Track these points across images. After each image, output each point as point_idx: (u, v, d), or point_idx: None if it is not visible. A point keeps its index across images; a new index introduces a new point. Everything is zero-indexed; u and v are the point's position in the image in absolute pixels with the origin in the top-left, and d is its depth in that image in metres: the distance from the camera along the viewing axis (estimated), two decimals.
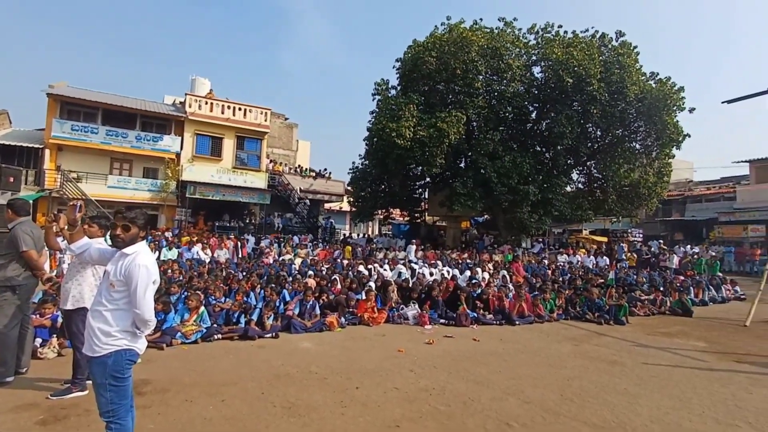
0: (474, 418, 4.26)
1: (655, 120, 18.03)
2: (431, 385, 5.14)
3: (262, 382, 5.00)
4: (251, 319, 7.11)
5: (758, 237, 21.33)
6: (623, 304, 9.92)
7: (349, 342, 7.16)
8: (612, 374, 5.94)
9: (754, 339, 8.46)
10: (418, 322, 8.57)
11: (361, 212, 23.15)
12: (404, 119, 17.63)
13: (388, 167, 19.43)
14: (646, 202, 20.36)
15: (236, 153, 23.13)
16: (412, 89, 19.70)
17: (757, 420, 4.47)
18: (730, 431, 4.21)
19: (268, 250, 15.50)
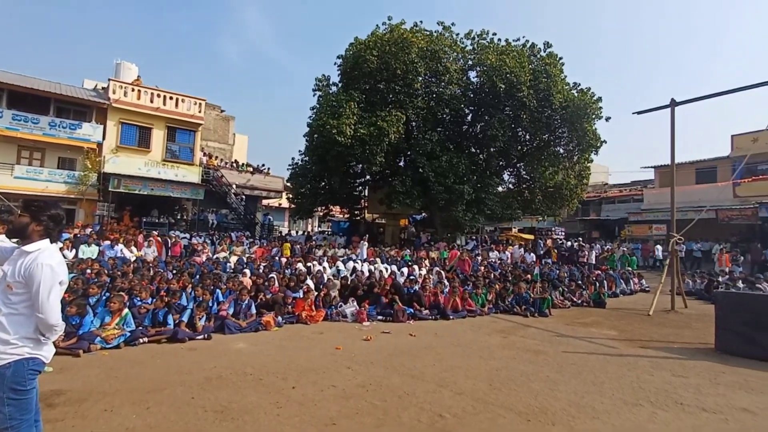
0: (409, 411, 4.36)
1: (577, 127, 19.41)
2: (368, 381, 5.18)
3: (192, 386, 4.77)
4: (181, 321, 6.75)
5: (660, 235, 23.71)
6: (547, 297, 10.62)
7: (286, 341, 7.03)
8: (536, 363, 6.33)
9: (656, 327, 9.42)
10: (357, 319, 8.61)
11: (300, 209, 22.76)
12: (345, 116, 17.57)
13: (329, 164, 19.29)
14: (568, 202, 21.88)
15: (167, 145, 21.73)
16: (353, 87, 19.65)
17: (657, 399, 4.97)
18: (635, 410, 4.64)
19: (202, 248, 14.77)
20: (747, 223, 21.95)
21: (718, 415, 4.53)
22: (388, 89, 19.62)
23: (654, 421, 4.34)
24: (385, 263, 14.01)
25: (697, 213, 15.08)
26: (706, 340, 7.76)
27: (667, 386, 5.43)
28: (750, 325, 7.03)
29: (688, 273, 17.01)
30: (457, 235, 22.37)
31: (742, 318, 7.18)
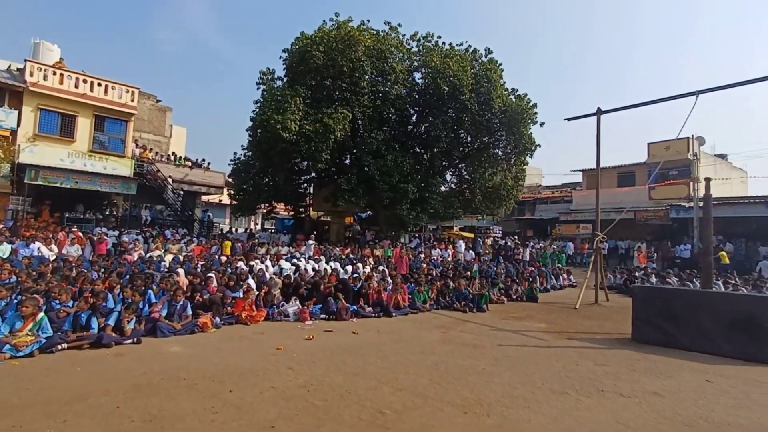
0: (350, 409, 4.34)
1: (514, 131, 20.32)
2: (309, 381, 5.10)
3: (117, 394, 4.43)
4: (107, 325, 6.26)
5: (587, 234, 25.47)
6: (484, 293, 11.04)
7: (224, 343, 6.75)
8: (473, 357, 6.56)
9: (582, 319, 10.10)
10: (299, 319, 8.46)
11: (242, 206, 21.99)
12: (290, 112, 17.19)
13: (273, 160, 18.79)
14: (505, 202, 22.85)
15: (94, 135, 20.06)
16: (299, 82, 19.27)
17: (581, 387, 5.32)
18: (562, 398, 4.94)
19: (133, 246, 13.82)
20: (660, 223, 24.13)
21: (633, 399, 4.92)
22: (334, 86, 19.44)
23: (578, 408, 4.64)
24: (330, 261, 13.91)
25: (618, 214, 16.36)
26: (625, 331, 8.41)
27: (590, 374, 5.83)
28: (661, 315, 7.72)
29: (610, 268, 18.41)
30: (402, 233, 22.68)
31: (654, 310, 7.87)
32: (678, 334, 7.41)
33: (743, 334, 6.84)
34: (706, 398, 5.00)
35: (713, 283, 10.25)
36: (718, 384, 5.53)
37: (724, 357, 6.75)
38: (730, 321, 7.02)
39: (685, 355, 6.85)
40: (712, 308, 7.30)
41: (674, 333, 7.46)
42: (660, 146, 23.70)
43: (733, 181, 26.36)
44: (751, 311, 6.92)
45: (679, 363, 6.46)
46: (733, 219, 20.50)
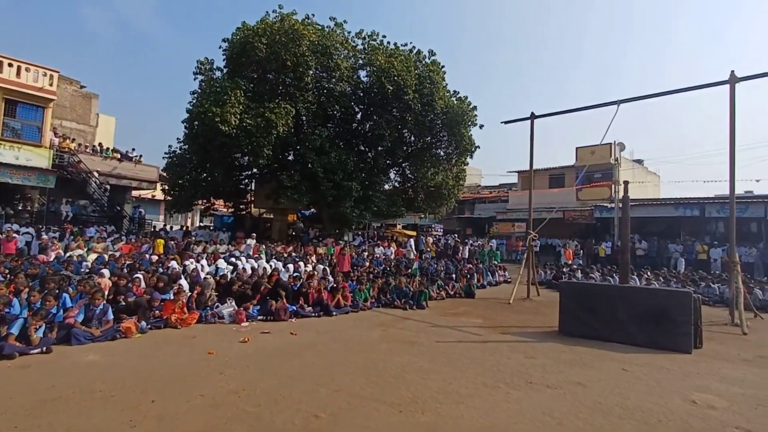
0: (283, 414, 4.18)
1: (455, 132, 20.84)
2: (241, 386, 4.86)
3: (18, 412, 3.96)
4: (10, 333, 5.57)
5: (521, 232, 26.76)
6: (424, 290, 11.20)
7: (149, 349, 6.28)
8: (411, 354, 6.60)
9: (514, 313, 10.55)
10: (235, 320, 8.09)
11: (178, 202, 20.75)
12: (230, 105, 16.45)
13: (211, 154, 17.90)
14: (446, 201, 23.42)
15: (4, 121, 18.03)
16: (239, 74, 18.50)
17: (511, 380, 5.51)
18: (493, 392, 5.08)
19: (51, 245, 12.56)
20: (586, 222, 25.86)
21: (558, 390, 5.17)
22: (277, 80, 18.87)
23: (508, 401, 4.79)
24: (271, 260, 13.49)
25: (549, 213, 17.29)
26: (553, 324, 8.86)
27: (520, 367, 6.06)
28: (584, 309, 8.22)
29: (541, 265, 19.43)
30: (345, 231, 22.53)
31: (578, 304, 8.37)
32: (598, 326, 7.92)
33: (654, 324, 7.44)
34: (622, 386, 5.37)
35: (630, 278, 11.10)
36: (633, 372, 5.96)
37: (638, 346, 7.30)
38: (643, 313, 7.61)
39: (605, 346, 7.32)
40: (628, 301, 7.87)
41: (595, 325, 7.96)
42: (586, 151, 25.32)
43: (647, 185, 28.80)
44: (661, 304, 7.54)
45: (600, 353, 6.90)
46: (647, 219, 22.42)
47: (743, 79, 9.70)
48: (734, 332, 8.79)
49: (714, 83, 10.34)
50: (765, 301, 11.95)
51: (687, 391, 5.20)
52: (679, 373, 5.95)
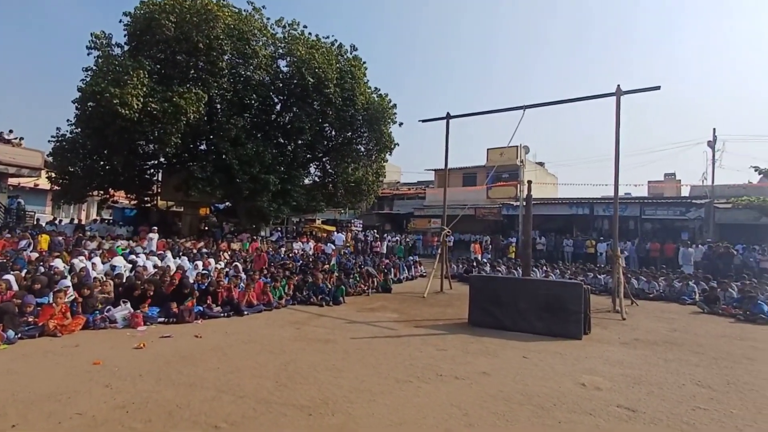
0: (177, 428, 3.77)
1: (375, 128, 20.92)
2: (131, 400, 4.31)
3: None
4: None
5: (436, 228, 27.76)
6: (341, 286, 11.05)
7: (16, 363, 5.35)
8: (325, 352, 6.40)
9: (428, 307, 10.80)
10: (130, 324, 7.26)
11: (68, 192, 18.39)
12: (131, 86, 14.82)
13: (109, 140, 16.03)
14: (366, 197, 23.49)
15: None
16: (143, 53, 16.77)
17: (422, 373, 5.56)
18: (405, 387, 5.07)
19: None
20: (495, 219, 27.54)
21: (466, 381, 5.31)
22: (188, 64, 17.41)
23: (418, 395, 4.80)
24: (178, 257, 12.43)
25: (462, 210, 18.08)
26: (463, 316, 9.16)
27: (431, 360, 6.15)
28: (491, 301, 8.63)
29: (454, 259, 20.28)
30: (262, 226, 21.61)
31: (485, 296, 8.77)
32: (503, 317, 8.36)
33: (551, 313, 8.02)
34: (522, 373, 5.67)
35: (531, 271, 11.93)
36: (532, 359, 6.35)
37: (537, 334, 7.80)
38: (541, 303, 8.17)
39: (509, 335, 7.73)
40: (529, 293, 8.41)
41: (500, 316, 8.39)
42: (496, 152, 26.92)
43: (547, 185, 31.45)
44: (557, 295, 8.16)
45: (503, 343, 7.26)
46: (546, 216, 24.43)
47: (627, 92, 10.82)
48: (615, 318, 9.81)
49: (602, 95, 11.40)
50: (639, 290, 13.57)
51: (577, 375, 5.63)
52: (571, 358, 6.45)
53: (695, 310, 11.40)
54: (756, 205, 20.00)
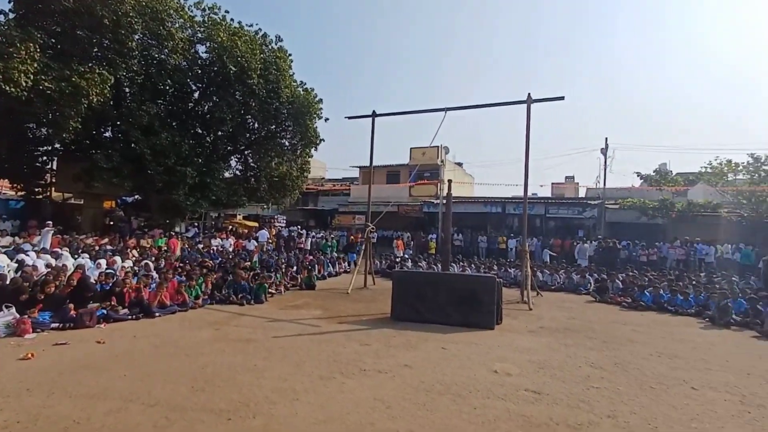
0: None
1: (301, 123, 20.40)
2: (15, 418, 3.78)
3: None
4: None
5: (361, 225, 27.92)
6: (264, 283, 10.65)
7: None
8: (246, 353, 6.14)
9: (352, 303, 10.82)
10: (15, 332, 6.33)
11: None
12: (19, 60, 12.85)
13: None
14: (290, 192, 22.85)
15: None
16: (34, 24, 14.62)
17: (346, 369, 5.55)
18: (329, 383, 5.03)
19: None
20: (417, 216, 28.37)
21: (389, 374, 5.40)
22: (90, 40, 15.52)
23: (343, 391, 4.80)
24: (77, 254, 11.10)
25: (386, 207, 18.36)
26: (386, 311, 9.29)
27: (355, 355, 6.17)
28: (413, 295, 8.87)
29: (377, 255, 20.55)
30: (177, 221, 20.09)
31: (408, 290, 9.00)
32: (424, 310, 8.64)
33: (467, 306, 8.45)
34: (441, 364, 5.90)
35: (450, 266, 12.48)
36: (450, 350, 6.64)
37: (455, 326, 8.15)
38: (459, 296, 8.57)
39: (429, 328, 7.99)
40: (447, 287, 8.78)
41: (422, 309, 8.66)
42: (419, 151, 27.74)
43: (465, 185, 33.10)
44: (472, 288, 8.61)
45: (424, 335, 7.50)
46: (463, 214, 25.68)
47: (536, 101, 11.69)
48: (523, 308, 10.60)
49: (515, 102, 12.20)
50: (543, 282, 14.83)
51: (490, 363, 6.00)
52: (485, 347, 6.85)
53: (589, 300, 12.73)
54: (638, 206, 22.89)
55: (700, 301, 10.76)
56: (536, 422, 4.10)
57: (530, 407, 4.47)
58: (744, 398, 4.94)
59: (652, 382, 5.42)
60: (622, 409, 4.51)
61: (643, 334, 8.28)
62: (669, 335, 8.26)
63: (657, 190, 23.75)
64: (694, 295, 11.21)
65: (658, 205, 22.27)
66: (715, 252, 18.83)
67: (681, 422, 4.23)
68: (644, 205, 22.72)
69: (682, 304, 10.74)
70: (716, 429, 4.11)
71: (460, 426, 4.00)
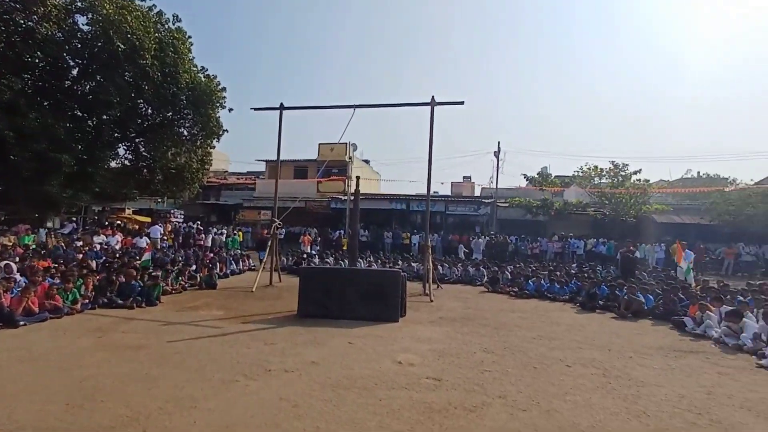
0: None
1: (202, 111, 18.97)
2: None
3: None
4: None
5: (266, 220, 26.91)
6: (158, 283, 9.73)
7: None
8: (136, 361, 5.55)
9: (257, 301, 10.38)
10: None
11: None
12: None
13: None
14: (189, 185, 21.16)
15: None
16: None
17: (250, 370, 5.30)
18: (232, 386, 4.75)
19: None
20: (324, 212, 28.17)
21: (295, 373, 5.28)
22: None
23: (246, 393, 4.58)
24: None
25: (293, 202, 17.94)
26: (293, 308, 9.07)
27: (260, 356, 5.93)
28: (320, 291, 8.80)
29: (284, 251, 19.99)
30: (50, 216, 17.43)
31: (315, 287, 8.91)
32: (332, 306, 8.60)
33: (374, 300, 8.61)
34: (348, 358, 5.94)
35: (357, 261, 12.62)
36: (356, 344, 6.71)
37: (362, 320, 8.23)
38: (366, 291, 8.70)
39: (337, 324, 7.96)
40: (355, 282, 8.87)
41: (329, 305, 8.62)
42: (327, 147, 27.60)
43: (372, 181, 33.68)
44: (379, 282, 8.80)
45: (332, 331, 7.47)
46: (370, 210, 26.15)
47: (439, 104, 12.28)
48: (425, 300, 11.13)
49: (419, 103, 12.67)
50: (443, 275, 15.73)
51: (395, 354, 6.20)
52: (390, 340, 7.05)
53: (483, 290, 13.82)
54: (524, 205, 25.44)
55: (573, 289, 12.30)
56: (437, 408, 4.34)
57: (431, 394, 4.72)
58: (606, 371, 5.77)
59: (534, 362, 6.07)
60: (511, 389, 4.98)
61: (528, 320, 9.23)
62: (548, 320, 9.32)
63: (539, 191, 26.59)
64: (568, 283, 12.79)
65: (540, 204, 25.00)
66: (584, 245, 21.69)
67: (558, 396, 4.81)
68: (529, 204, 25.34)
69: (559, 291, 12.19)
70: (585, 399, 4.74)
71: (366, 418, 4.07)
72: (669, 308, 9.54)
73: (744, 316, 7.55)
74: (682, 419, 4.28)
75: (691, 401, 4.75)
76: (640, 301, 9.91)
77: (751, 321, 7.45)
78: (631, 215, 23.30)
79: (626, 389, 5.09)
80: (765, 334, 6.72)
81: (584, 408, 4.48)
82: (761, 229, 20.65)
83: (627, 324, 9.11)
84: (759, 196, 21.88)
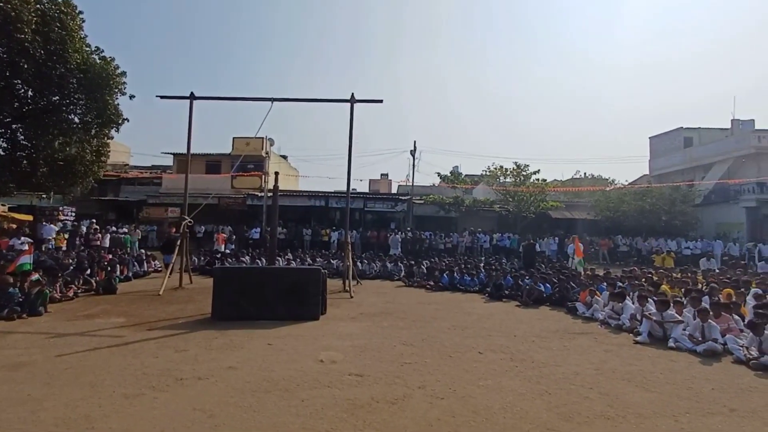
0: None
1: (97, 97, 16.74)
2: None
3: None
4: None
5: (175, 218, 24.82)
6: (44, 290, 8.48)
7: None
8: (15, 381, 4.78)
9: (164, 305, 9.54)
10: None
11: None
12: None
13: None
14: (82, 179, 18.61)
15: None
16: None
17: (159, 382, 4.83)
18: (136, 401, 4.31)
19: None
20: (240, 209, 26.77)
21: (210, 380, 4.94)
22: None
23: (154, 407, 4.19)
24: None
25: (206, 199, 16.76)
26: (206, 311, 8.51)
27: (169, 364, 5.46)
28: (236, 292, 8.34)
29: (195, 251, 18.63)
30: None
31: (231, 287, 8.43)
32: (249, 307, 8.19)
33: (293, 299, 8.38)
34: (268, 360, 5.71)
35: (276, 260, 12.18)
36: (276, 345, 6.48)
37: (282, 320, 7.95)
38: (285, 290, 8.43)
39: (255, 325, 7.60)
40: (273, 281, 8.56)
41: (246, 306, 8.19)
42: (242, 141, 26.01)
43: (290, 177, 32.77)
44: (298, 280, 8.59)
45: (249, 333, 7.12)
46: (288, 207, 25.44)
47: (358, 101, 12.30)
48: (345, 297, 11.12)
49: (339, 100, 12.59)
50: (362, 271, 15.86)
51: (316, 353, 6.10)
52: (311, 338, 6.93)
53: (400, 284, 14.20)
54: (437, 202, 26.62)
55: (482, 280, 13.16)
56: (360, 403, 4.36)
57: (354, 390, 4.72)
58: (513, 356, 6.26)
59: (450, 351, 6.38)
60: (429, 378, 5.17)
61: (443, 311, 9.68)
62: (461, 310, 9.87)
63: (451, 188, 28.01)
64: (478, 275, 13.64)
65: (452, 201, 26.36)
66: (490, 239, 23.32)
67: (472, 382, 5.10)
68: (442, 201, 26.59)
69: (470, 283, 12.96)
70: (496, 383, 5.09)
71: (288, 421, 3.94)
72: (563, 295, 10.65)
73: (626, 297, 8.76)
74: (577, 394, 4.79)
75: (583, 377, 5.35)
76: (540, 290, 10.94)
77: (629, 303, 8.63)
78: (531, 211, 25.59)
79: (530, 371, 5.57)
80: (639, 314, 7.80)
81: (496, 391, 4.82)
82: (633, 223, 24.06)
83: (529, 311, 9.99)
84: (632, 195, 25.47)
